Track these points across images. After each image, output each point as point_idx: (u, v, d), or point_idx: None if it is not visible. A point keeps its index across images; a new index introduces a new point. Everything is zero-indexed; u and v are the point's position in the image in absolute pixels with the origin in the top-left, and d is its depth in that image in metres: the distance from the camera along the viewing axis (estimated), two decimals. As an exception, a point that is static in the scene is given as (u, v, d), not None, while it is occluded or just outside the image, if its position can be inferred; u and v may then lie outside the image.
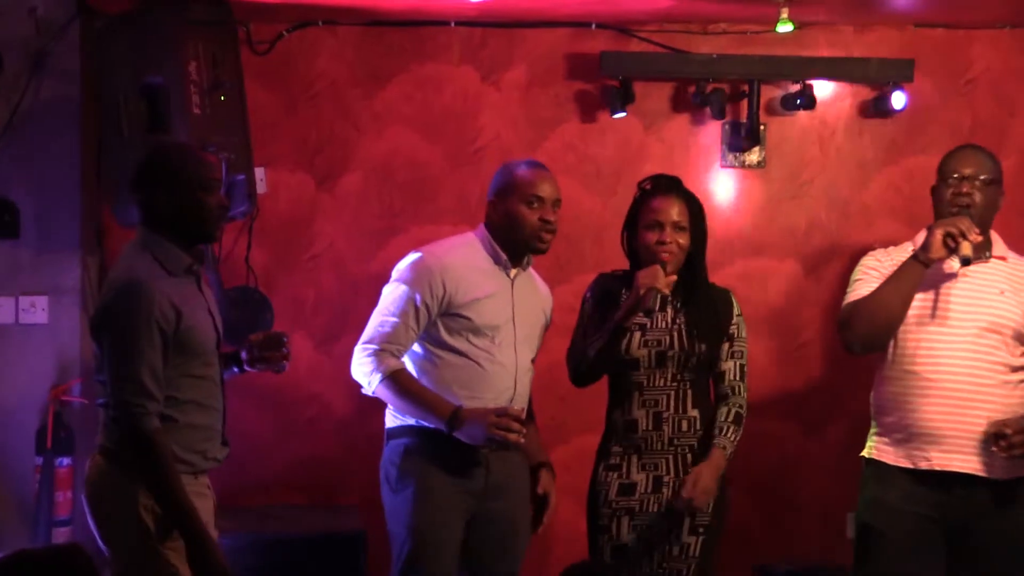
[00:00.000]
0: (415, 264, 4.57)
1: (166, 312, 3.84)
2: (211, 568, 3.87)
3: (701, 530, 4.59)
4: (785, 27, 5.41)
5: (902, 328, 4.54)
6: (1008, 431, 4.32)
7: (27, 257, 5.35)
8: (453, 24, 5.86)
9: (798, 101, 5.86)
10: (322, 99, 5.85)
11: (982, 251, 4.51)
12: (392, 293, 4.57)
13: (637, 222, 4.66)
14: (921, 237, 4.57)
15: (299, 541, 5.28)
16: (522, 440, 4.42)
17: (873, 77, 5.92)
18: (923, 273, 4.45)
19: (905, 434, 4.53)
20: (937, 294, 4.53)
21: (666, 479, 4.60)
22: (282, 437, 5.87)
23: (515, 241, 4.60)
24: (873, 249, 4.78)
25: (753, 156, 6.03)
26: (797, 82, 5.87)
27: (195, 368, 3.96)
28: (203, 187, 3.95)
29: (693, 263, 4.66)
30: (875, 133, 6.03)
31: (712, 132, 6.02)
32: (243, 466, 5.81)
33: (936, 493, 4.49)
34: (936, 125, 6.03)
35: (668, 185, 4.69)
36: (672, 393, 4.61)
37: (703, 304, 4.66)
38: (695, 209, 4.67)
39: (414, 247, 4.78)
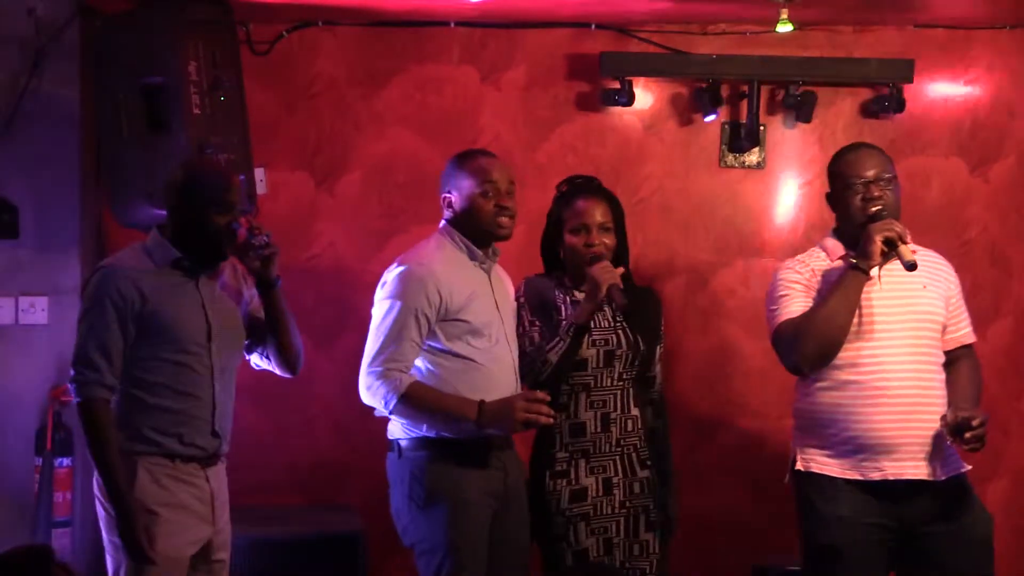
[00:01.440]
0: (404, 277, 4.52)
1: (126, 294, 4.16)
2: (126, 540, 4.10)
3: (656, 525, 4.66)
4: (785, 27, 5.41)
5: None
6: (974, 422, 4.25)
7: (27, 257, 5.35)
8: (453, 24, 5.86)
9: (798, 102, 5.85)
10: (322, 99, 5.86)
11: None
12: (388, 311, 4.52)
13: (561, 225, 4.66)
14: (830, 243, 4.55)
15: (298, 541, 5.29)
16: (552, 420, 4.42)
17: (873, 77, 5.92)
18: (864, 282, 4.38)
19: (853, 446, 4.43)
20: (870, 299, 4.44)
21: (615, 480, 4.62)
22: (281, 437, 5.87)
23: (478, 232, 4.59)
24: (785, 260, 4.72)
25: (753, 157, 6.03)
26: (797, 83, 5.86)
27: (166, 352, 4.19)
28: (216, 207, 4.21)
29: (621, 261, 4.67)
30: (875, 134, 6.01)
31: (712, 133, 6.02)
32: (242, 466, 5.77)
33: (886, 502, 4.42)
34: (936, 126, 6.03)
35: (589, 187, 4.72)
36: (618, 393, 4.63)
37: (640, 305, 4.67)
38: (617, 209, 4.70)
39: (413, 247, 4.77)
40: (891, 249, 4.33)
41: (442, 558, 4.49)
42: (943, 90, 6.05)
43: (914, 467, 4.39)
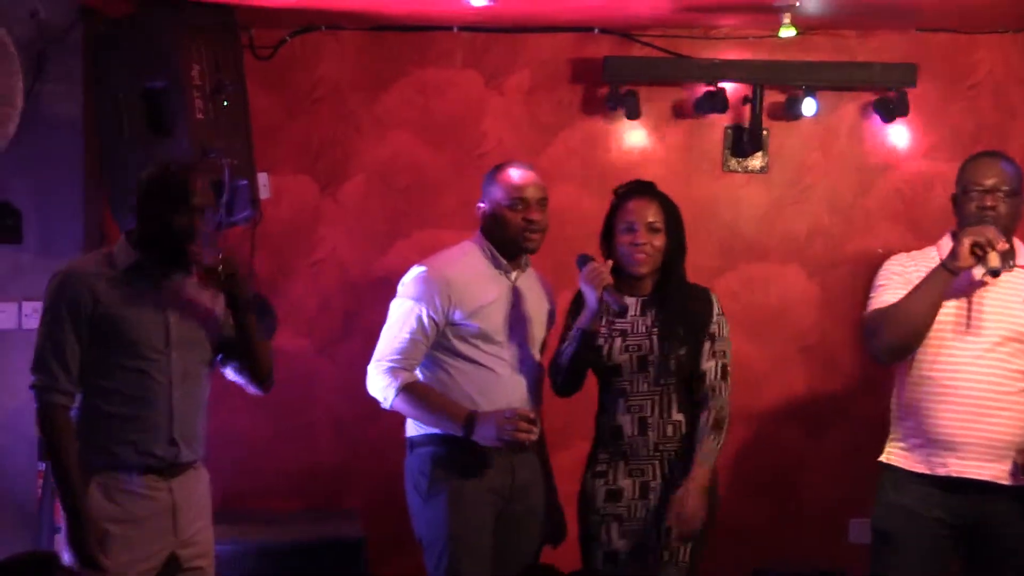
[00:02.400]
0: (419, 279, 4.65)
1: (80, 298, 4.09)
2: (76, 549, 4.03)
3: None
4: (788, 32, 5.41)
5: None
6: None
7: (29, 262, 5.32)
8: (456, 29, 5.86)
9: (801, 106, 5.85)
10: (325, 104, 5.86)
11: (1007, 260, 4.49)
12: (399, 309, 4.66)
13: (614, 228, 4.68)
14: (944, 243, 4.59)
15: (300, 547, 5.29)
16: (533, 438, 4.50)
17: (876, 82, 5.91)
18: (951, 281, 4.44)
19: (923, 440, 4.54)
20: (961, 302, 4.52)
21: (652, 484, 4.62)
22: (283, 442, 5.87)
23: (504, 243, 4.67)
24: (895, 254, 4.76)
25: (756, 161, 6.02)
26: (800, 87, 5.86)
27: (121, 358, 4.12)
28: (178, 208, 4.13)
29: (670, 266, 4.68)
30: (877, 138, 6.02)
31: (715, 137, 6.02)
32: (244, 471, 5.82)
33: (953, 498, 4.50)
34: (939, 130, 6.03)
35: (642, 188, 4.74)
36: (656, 398, 4.62)
37: (679, 307, 4.66)
38: (670, 211, 4.70)
39: (417, 252, 4.79)
40: (981, 255, 4.37)
41: (442, 548, 4.59)
42: (946, 94, 6.04)
43: (978, 467, 4.46)
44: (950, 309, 4.51)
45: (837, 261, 6.03)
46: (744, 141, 5.95)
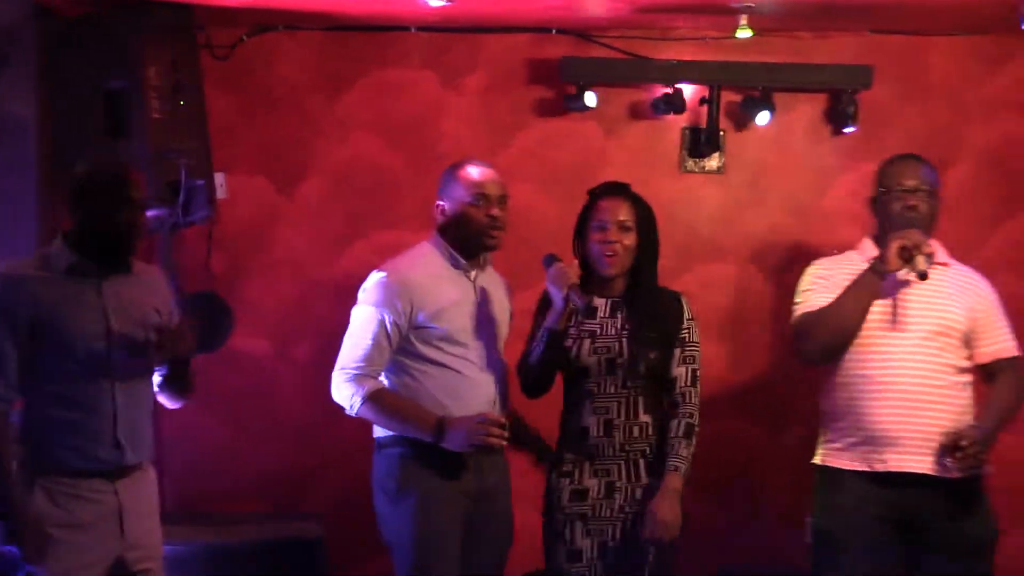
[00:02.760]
0: (379, 284, 4.62)
1: (15, 302, 4.03)
2: (19, 548, 4.00)
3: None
4: (744, 33, 5.44)
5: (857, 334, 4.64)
6: (964, 443, 4.43)
7: (-18, 263, 5.29)
8: (414, 29, 5.86)
9: (758, 107, 5.88)
10: (282, 104, 5.84)
11: (930, 261, 4.61)
12: (361, 316, 4.63)
13: (587, 227, 4.69)
14: (864, 245, 4.74)
15: (260, 548, 5.26)
16: (504, 443, 4.52)
17: (831, 83, 5.95)
18: (880, 284, 4.58)
19: (859, 437, 4.64)
20: (888, 301, 4.65)
21: (618, 484, 4.63)
22: (242, 444, 5.85)
23: (466, 241, 4.66)
24: (818, 258, 4.89)
25: (713, 162, 6.05)
26: (756, 88, 5.89)
27: (61, 362, 4.07)
28: (117, 204, 4.09)
29: (640, 267, 4.70)
30: (833, 139, 6.06)
31: (672, 138, 6.04)
32: (202, 473, 5.80)
33: (891, 493, 4.60)
34: (893, 131, 6.06)
35: (615, 189, 4.75)
36: (623, 400, 4.63)
37: (650, 310, 4.68)
38: (643, 212, 4.72)
39: (375, 253, 4.78)
40: (908, 258, 4.51)
41: (410, 551, 4.58)
42: (901, 96, 6.08)
43: (917, 461, 4.56)
44: (878, 308, 4.63)
45: (794, 262, 6.03)
46: (701, 142, 5.98)
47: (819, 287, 4.74)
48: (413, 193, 5.84)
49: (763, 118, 5.92)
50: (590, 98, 5.79)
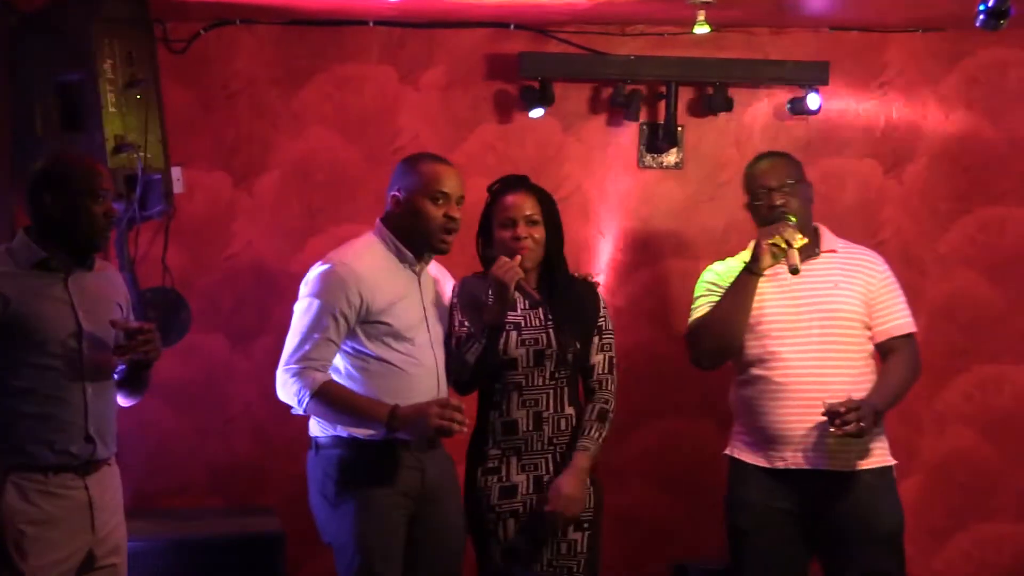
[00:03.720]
0: (325, 276, 4.49)
1: None
2: None
3: (585, 525, 4.65)
4: (702, 29, 5.45)
5: (750, 335, 4.74)
6: (841, 409, 4.48)
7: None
8: (372, 24, 5.84)
9: (715, 103, 5.90)
10: (240, 98, 5.82)
11: (810, 251, 4.71)
12: (307, 309, 4.48)
13: (492, 223, 4.68)
14: (752, 247, 4.77)
15: (217, 543, 5.25)
16: (464, 428, 4.38)
17: (789, 79, 5.97)
18: (756, 284, 4.68)
19: (760, 436, 4.74)
20: (776, 299, 4.73)
21: (546, 478, 4.63)
22: (199, 439, 5.82)
23: (416, 236, 4.55)
24: (713, 263, 4.99)
25: (671, 157, 6.06)
26: (714, 84, 5.91)
27: (32, 356, 4.04)
28: (91, 196, 4.08)
29: (552, 258, 4.70)
30: (791, 135, 6.08)
31: (630, 133, 6.04)
32: (159, 468, 5.77)
33: (792, 489, 4.71)
34: (851, 127, 6.10)
35: (516, 183, 4.74)
36: (550, 392, 4.64)
37: (568, 299, 4.69)
38: (547, 203, 4.71)
39: (332, 247, 4.74)
40: (778, 253, 4.60)
41: (352, 555, 4.51)
42: (857, 92, 6.11)
43: (815, 457, 4.66)
44: (770, 308, 4.71)
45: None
46: (659, 137, 5.99)
47: (709, 293, 4.84)
48: (371, 188, 5.82)
49: (721, 114, 5.94)
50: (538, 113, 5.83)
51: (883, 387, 4.71)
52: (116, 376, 4.30)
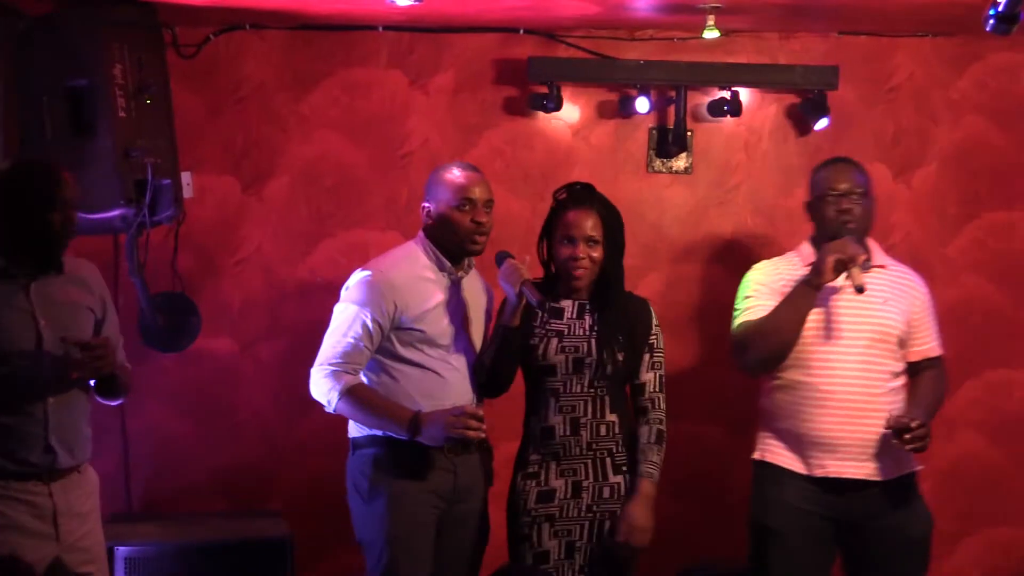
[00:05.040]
0: (363, 284, 4.61)
1: None
2: None
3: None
4: (711, 34, 5.45)
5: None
6: (912, 424, 4.48)
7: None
8: (381, 29, 5.84)
9: (725, 107, 5.90)
10: (249, 103, 5.82)
11: (865, 266, 4.68)
12: (343, 313, 4.61)
13: (553, 232, 4.70)
14: (804, 249, 4.81)
15: (224, 548, 5.24)
16: (482, 435, 4.49)
17: (798, 84, 5.97)
18: (815, 296, 4.64)
19: (801, 443, 4.71)
20: (826, 308, 4.70)
21: (585, 484, 4.65)
22: (207, 443, 5.83)
23: (450, 244, 4.66)
24: (759, 262, 4.97)
25: (680, 162, 6.06)
26: (723, 88, 5.91)
27: None
28: (48, 204, 4.05)
29: (607, 273, 4.71)
30: (800, 139, 6.07)
31: (639, 138, 6.04)
32: (167, 472, 5.78)
33: (830, 496, 4.69)
34: (860, 132, 6.09)
35: (583, 197, 4.75)
36: (589, 399, 4.66)
37: (619, 314, 4.71)
38: (610, 220, 4.74)
39: (341, 251, 4.77)
40: (842, 269, 4.57)
41: (380, 550, 4.59)
42: (867, 97, 6.10)
43: (855, 467, 4.65)
44: (817, 316, 4.69)
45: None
46: (668, 142, 5.99)
47: (758, 294, 4.80)
48: (380, 192, 5.84)
49: (730, 119, 5.94)
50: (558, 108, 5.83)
51: (924, 402, 4.74)
52: (92, 382, 4.27)
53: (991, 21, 4.18)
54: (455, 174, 4.68)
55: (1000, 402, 6.23)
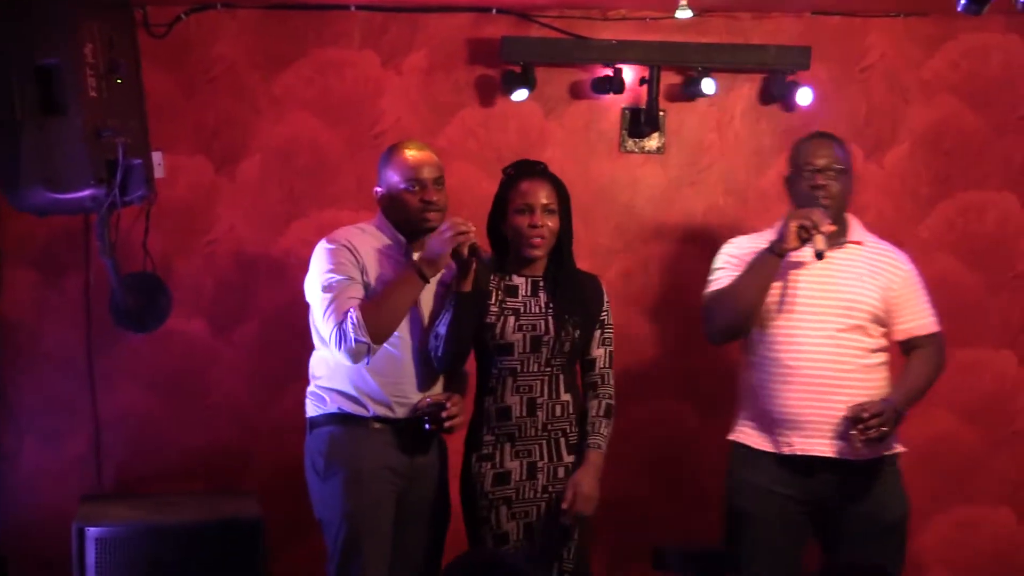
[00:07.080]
0: (329, 240, 4.62)
1: None
2: None
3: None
4: (684, 13, 5.44)
5: (764, 316, 4.69)
6: (864, 415, 4.49)
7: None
8: (353, 8, 5.83)
9: (697, 88, 5.90)
10: (221, 83, 5.80)
11: (837, 239, 4.69)
12: (323, 256, 4.58)
13: (506, 207, 4.69)
14: (779, 225, 4.72)
15: (196, 528, 5.22)
16: (473, 238, 4.46)
17: (771, 64, 5.97)
18: (778, 264, 4.62)
19: (768, 420, 4.71)
20: (796, 282, 4.70)
21: (540, 464, 4.66)
22: (180, 424, 5.81)
23: (405, 225, 4.66)
24: (735, 237, 4.95)
25: (652, 142, 6.06)
26: (696, 68, 5.91)
27: None
28: None
29: (561, 248, 4.72)
30: (772, 120, 6.09)
31: (612, 118, 6.04)
32: (140, 453, 5.77)
33: (800, 476, 4.69)
34: (832, 112, 6.09)
35: (534, 169, 4.76)
36: (545, 378, 4.66)
37: (572, 288, 4.71)
38: (562, 193, 4.74)
39: (314, 232, 4.76)
40: (806, 237, 4.54)
41: (338, 527, 4.58)
42: (839, 77, 6.11)
43: (823, 445, 4.64)
44: (787, 289, 4.69)
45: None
46: (641, 122, 5.99)
47: (728, 267, 4.80)
48: (351, 173, 5.82)
49: (704, 96, 5.94)
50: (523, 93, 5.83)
51: (905, 385, 4.74)
52: None
53: (963, 1, 4.20)
54: (403, 155, 4.66)
55: (971, 383, 6.25)
